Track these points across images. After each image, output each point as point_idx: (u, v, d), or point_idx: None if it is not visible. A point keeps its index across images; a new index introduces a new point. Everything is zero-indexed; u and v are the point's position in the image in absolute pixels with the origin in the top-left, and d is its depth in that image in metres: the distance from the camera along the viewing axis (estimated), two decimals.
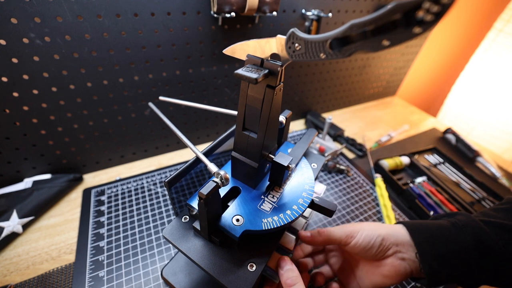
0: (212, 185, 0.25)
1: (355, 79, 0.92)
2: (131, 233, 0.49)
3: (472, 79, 1.16)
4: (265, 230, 0.29)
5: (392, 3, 0.17)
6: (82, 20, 0.43)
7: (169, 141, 0.69)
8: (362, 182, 0.65)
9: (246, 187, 0.34)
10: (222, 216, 0.30)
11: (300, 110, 0.88)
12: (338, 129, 0.80)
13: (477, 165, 0.75)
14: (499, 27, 1.03)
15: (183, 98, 0.62)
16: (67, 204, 0.55)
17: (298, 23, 0.64)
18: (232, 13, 0.50)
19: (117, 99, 0.55)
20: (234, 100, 0.70)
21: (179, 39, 0.53)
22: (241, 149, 0.32)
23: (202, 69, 0.60)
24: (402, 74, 1.05)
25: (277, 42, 0.25)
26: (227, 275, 0.28)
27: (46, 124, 0.51)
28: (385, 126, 0.91)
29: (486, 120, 1.14)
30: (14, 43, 0.41)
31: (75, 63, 0.47)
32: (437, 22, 0.16)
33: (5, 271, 0.43)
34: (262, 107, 0.27)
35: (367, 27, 0.18)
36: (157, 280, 0.42)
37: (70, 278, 0.43)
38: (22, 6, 0.39)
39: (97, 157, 0.61)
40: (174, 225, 0.32)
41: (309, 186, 0.34)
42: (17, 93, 0.45)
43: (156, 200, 0.56)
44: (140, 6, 0.46)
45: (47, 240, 0.48)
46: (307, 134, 0.41)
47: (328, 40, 0.20)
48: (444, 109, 1.31)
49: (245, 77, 0.23)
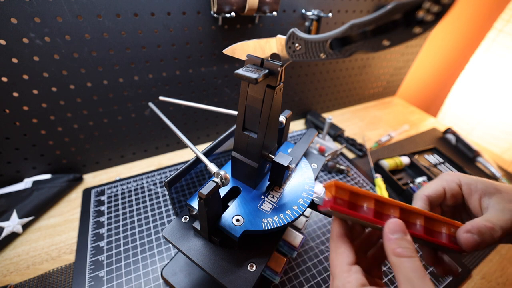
0: (212, 185, 0.25)
1: (355, 79, 0.92)
2: (131, 233, 0.49)
3: (472, 79, 1.16)
4: (265, 230, 0.29)
5: (392, 3, 0.17)
6: (82, 20, 0.43)
7: (169, 141, 0.69)
8: (362, 182, 0.65)
9: (246, 187, 0.34)
10: (222, 216, 0.30)
11: (300, 110, 0.88)
12: (338, 129, 0.80)
13: (477, 165, 0.75)
14: (499, 27, 1.03)
15: (183, 98, 0.62)
16: (67, 204, 0.55)
17: (298, 23, 0.64)
18: (232, 13, 0.50)
19: (117, 99, 0.55)
20: (234, 100, 0.70)
21: (179, 39, 0.53)
22: (241, 149, 0.32)
23: (202, 69, 0.60)
24: (402, 74, 1.05)
25: (277, 42, 0.25)
26: (227, 275, 0.28)
27: (46, 124, 0.51)
28: (385, 126, 0.91)
29: (486, 120, 1.14)
30: (14, 43, 0.41)
31: (75, 63, 0.47)
32: (438, 22, 0.16)
33: (5, 271, 0.43)
34: (262, 107, 0.27)
35: (367, 27, 0.18)
36: (157, 280, 0.42)
37: (70, 278, 0.43)
38: (22, 6, 0.39)
39: (97, 157, 0.61)
40: (174, 225, 0.32)
41: (309, 186, 0.34)
42: (17, 93, 0.45)
43: (156, 200, 0.56)
44: (140, 6, 0.46)
45: (47, 240, 0.48)
46: (307, 134, 0.41)
47: (328, 40, 0.20)
48: (444, 109, 1.31)
49: (245, 77, 0.23)
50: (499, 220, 0.22)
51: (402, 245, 0.19)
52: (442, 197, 0.27)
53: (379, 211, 0.22)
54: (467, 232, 0.22)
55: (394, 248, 0.19)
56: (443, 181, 0.28)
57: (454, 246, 0.22)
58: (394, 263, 0.19)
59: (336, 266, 0.22)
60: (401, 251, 0.19)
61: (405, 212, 0.23)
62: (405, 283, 0.17)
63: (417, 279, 0.17)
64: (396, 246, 0.19)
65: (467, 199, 0.26)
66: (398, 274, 0.18)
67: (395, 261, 0.19)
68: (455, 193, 0.27)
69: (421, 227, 0.22)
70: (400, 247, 0.19)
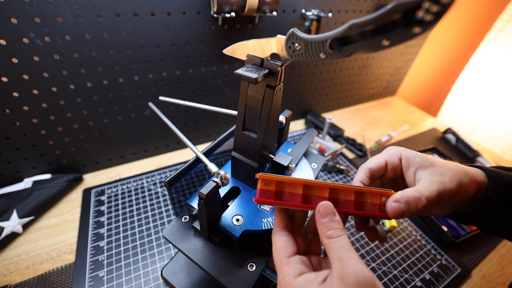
0: (212, 185, 0.25)
1: (355, 79, 0.92)
2: (131, 233, 0.49)
3: (472, 79, 1.16)
4: (265, 230, 0.29)
5: (392, 3, 0.17)
6: (82, 20, 0.43)
7: (169, 141, 0.69)
8: None
9: (246, 187, 0.34)
10: (222, 216, 0.30)
11: (300, 110, 0.88)
12: (338, 129, 0.80)
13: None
14: (499, 27, 1.03)
15: (183, 98, 0.62)
16: (67, 204, 0.55)
17: (298, 23, 0.64)
18: (232, 13, 0.50)
19: (117, 99, 0.55)
20: (234, 100, 0.70)
21: (179, 39, 0.53)
22: (241, 149, 0.32)
23: (202, 69, 0.60)
24: (402, 74, 1.05)
25: (277, 42, 0.25)
26: (227, 275, 0.28)
27: (46, 124, 0.51)
28: (385, 126, 0.91)
29: (486, 120, 1.14)
30: (14, 43, 0.41)
31: (75, 63, 0.47)
32: (437, 22, 0.16)
33: (5, 271, 0.43)
34: (262, 107, 0.27)
35: (367, 27, 0.18)
36: (157, 280, 0.42)
37: (70, 278, 0.43)
38: (22, 6, 0.39)
39: (97, 157, 0.61)
40: (174, 225, 0.32)
41: None
42: (17, 93, 0.45)
43: (156, 200, 0.56)
44: (140, 6, 0.46)
45: (47, 240, 0.48)
46: (307, 134, 0.41)
47: (328, 40, 0.20)
48: (444, 109, 1.31)
49: (245, 77, 0.23)
50: (427, 191, 0.24)
51: (332, 226, 0.21)
52: (383, 169, 0.29)
53: (308, 194, 0.23)
54: (395, 202, 0.23)
55: (325, 232, 0.21)
56: (386, 155, 0.29)
57: (382, 215, 0.24)
58: (326, 244, 0.21)
59: (276, 261, 0.23)
60: (331, 233, 0.21)
61: (335, 191, 0.24)
62: (335, 260, 0.19)
63: (344, 253, 0.19)
64: (326, 230, 0.21)
65: (405, 172, 0.28)
66: (330, 253, 0.20)
67: (326, 242, 0.21)
68: (395, 166, 0.28)
69: (351, 202, 0.24)
70: (331, 229, 0.21)
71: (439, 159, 0.27)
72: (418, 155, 0.28)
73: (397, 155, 0.29)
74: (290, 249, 0.23)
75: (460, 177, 0.25)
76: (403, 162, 0.28)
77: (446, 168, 0.26)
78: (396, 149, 0.29)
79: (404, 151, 0.28)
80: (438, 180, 0.25)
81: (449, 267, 0.48)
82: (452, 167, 0.26)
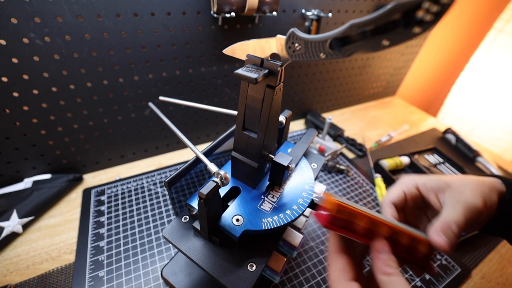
0: (212, 185, 0.25)
1: (355, 79, 0.92)
2: (131, 233, 0.49)
3: (472, 79, 1.16)
4: (265, 230, 0.29)
5: (392, 3, 0.17)
6: (82, 20, 0.43)
7: (169, 141, 0.69)
8: (362, 182, 0.65)
9: (246, 187, 0.34)
10: (222, 216, 0.30)
11: (300, 110, 0.88)
12: (338, 129, 0.80)
13: (477, 165, 0.75)
14: (499, 27, 1.03)
15: (183, 98, 0.62)
16: (67, 204, 0.55)
17: (298, 23, 0.64)
18: (232, 13, 0.50)
19: (117, 99, 0.55)
20: (234, 100, 0.70)
21: (179, 39, 0.53)
22: (241, 149, 0.32)
23: (202, 69, 0.60)
24: (402, 74, 1.05)
25: (277, 42, 0.25)
26: (227, 275, 0.28)
27: (46, 124, 0.51)
28: (385, 126, 0.91)
29: (486, 120, 1.14)
30: (14, 43, 0.41)
31: (75, 63, 0.47)
32: (437, 22, 0.16)
33: (5, 271, 0.43)
34: (262, 107, 0.27)
35: (367, 27, 0.18)
36: (157, 280, 0.42)
37: (70, 278, 0.43)
38: (22, 6, 0.39)
39: (97, 157, 0.61)
40: (174, 225, 0.32)
41: (309, 186, 0.34)
42: (17, 93, 0.45)
43: (156, 200, 0.56)
44: (140, 6, 0.46)
45: (47, 240, 0.48)
46: (307, 134, 0.41)
47: (328, 40, 0.20)
48: (444, 109, 1.31)
49: (245, 77, 0.23)
50: (452, 216, 0.24)
51: (389, 264, 0.21)
52: (404, 201, 0.28)
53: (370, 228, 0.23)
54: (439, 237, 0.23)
55: (382, 267, 0.21)
56: (403, 185, 0.29)
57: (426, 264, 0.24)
58: (383, 280, 0.21)
59: (335, 281, 0.22)
60: (389, 270, 0.21)
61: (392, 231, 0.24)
62: None
63: None
64: (384, 265, 0.21)
65: (427, 198, 0.27)
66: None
67: (383, 279, 0.21)
68: (414, 196, 0.28)
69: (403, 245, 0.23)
70: (388, 266, 0.21)
71: (452, 176, 0.27)
72: (432, 179, 0.27)
73: (412, 184, 0.28)
74: (351, 273, 0.22)
75: (479, 188, 0.25)
76: (421, 189, 0.28)
77: (462, 183, 0.25)
78: (411, 178, 0.29)
79: (418, 179, 0.28)
80: (458, 199, 0.24)
81: (449, 267, 0.48)
82: (467, 181, 0.26)
